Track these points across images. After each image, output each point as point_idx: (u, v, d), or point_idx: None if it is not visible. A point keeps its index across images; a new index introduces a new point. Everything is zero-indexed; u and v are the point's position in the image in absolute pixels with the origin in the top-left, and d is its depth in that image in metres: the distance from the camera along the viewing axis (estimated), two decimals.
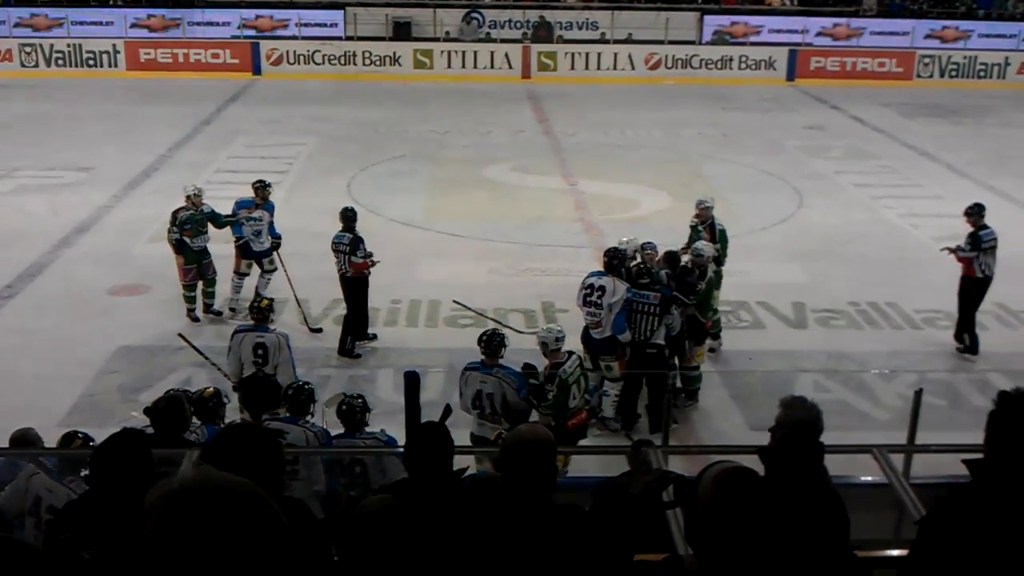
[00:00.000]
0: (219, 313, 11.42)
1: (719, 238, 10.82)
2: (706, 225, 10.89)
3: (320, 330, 11.09)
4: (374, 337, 10.85)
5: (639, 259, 9.65)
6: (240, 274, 11.65)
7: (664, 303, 9.00)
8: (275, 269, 11.70)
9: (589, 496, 5.46)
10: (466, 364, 7.91)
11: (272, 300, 9.34)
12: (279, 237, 11.75)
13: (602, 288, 9.00)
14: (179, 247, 11.11)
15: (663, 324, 9.04)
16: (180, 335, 9.86)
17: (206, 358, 9.21)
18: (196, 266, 11.19)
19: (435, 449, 3.41)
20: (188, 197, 11.20)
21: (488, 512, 3.20)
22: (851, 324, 11.61)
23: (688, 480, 2.94)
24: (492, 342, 7.76)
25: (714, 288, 9.79)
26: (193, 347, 9.49)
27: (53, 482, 5.60)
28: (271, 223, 11.70)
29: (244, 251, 11.57)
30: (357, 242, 10.40)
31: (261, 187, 11.76)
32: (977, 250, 10.56)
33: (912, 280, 12.75)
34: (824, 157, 19.63)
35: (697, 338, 9.53)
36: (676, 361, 9.37)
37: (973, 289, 10.77)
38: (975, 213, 10.72)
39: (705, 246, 9.79)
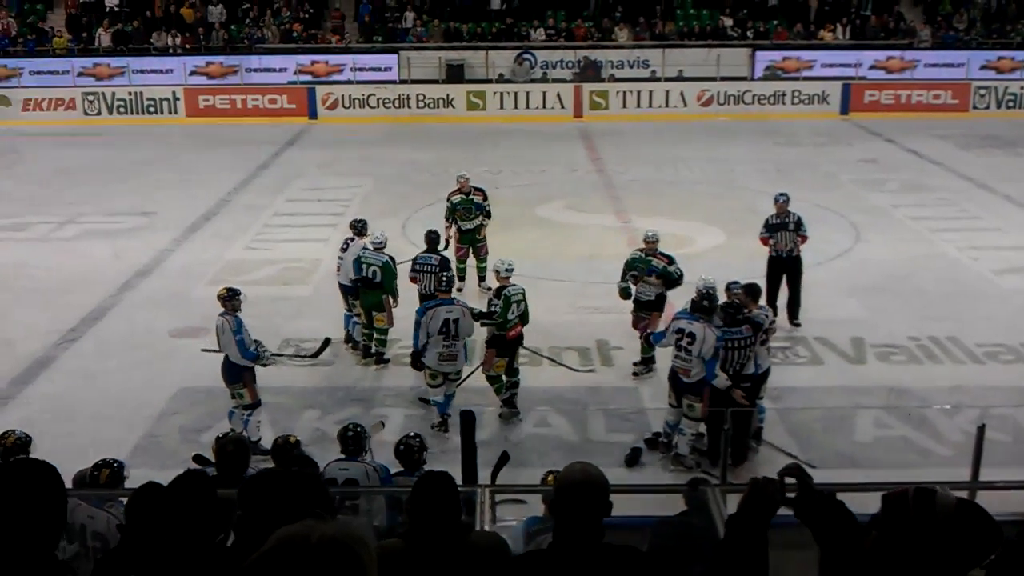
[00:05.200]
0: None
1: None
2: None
3: None
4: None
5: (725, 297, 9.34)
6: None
7: (756, 328, 8.87)
8: None
9: (645, 536, 5.41)
10: (424, 305, 9.70)
11: (239, 290, 9.27)
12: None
13: (692, 335, 8.77)
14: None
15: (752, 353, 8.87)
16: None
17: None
18: None
19: (438, 499, 3.49)
20: (380, 247, 11.10)
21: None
22: (911, 359, 11.42)
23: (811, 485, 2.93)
24: (449, 282, 9.92)
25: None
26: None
27: (94, 508, 5.85)
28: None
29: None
30: (446, 262, 11.05)
31: (364, 226, 11.64)
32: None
33: (973, 314, 12.54)
34: (880, 190, 19.42)
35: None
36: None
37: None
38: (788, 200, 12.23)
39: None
